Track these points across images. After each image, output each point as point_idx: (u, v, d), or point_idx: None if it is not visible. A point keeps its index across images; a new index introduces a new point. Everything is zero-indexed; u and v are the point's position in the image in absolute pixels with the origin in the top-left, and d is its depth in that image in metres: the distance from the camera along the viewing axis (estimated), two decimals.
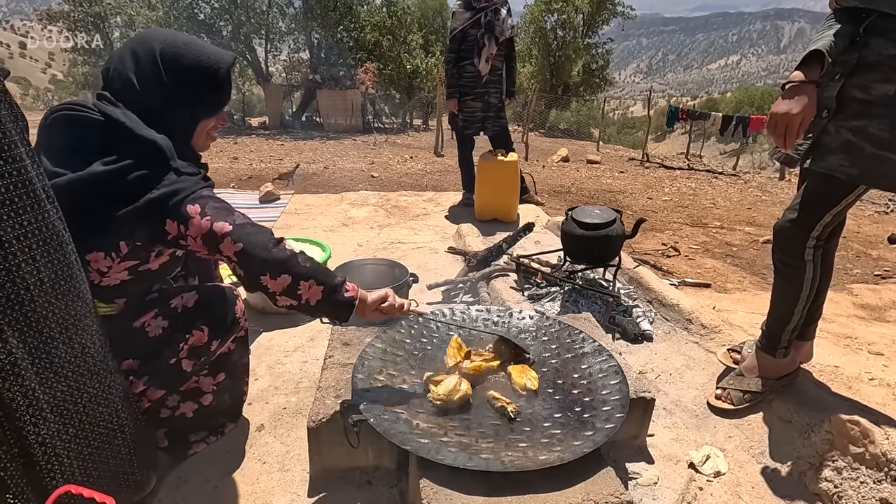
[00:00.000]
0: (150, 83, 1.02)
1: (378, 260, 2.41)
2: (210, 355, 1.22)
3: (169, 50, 1.03)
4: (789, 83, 1.25)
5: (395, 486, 1.29)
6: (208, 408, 1.33)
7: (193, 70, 1.04)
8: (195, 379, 1.27)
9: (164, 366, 1.13)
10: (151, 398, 1.17)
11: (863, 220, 5.48)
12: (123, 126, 0.98)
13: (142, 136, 0.99)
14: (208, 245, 1.02)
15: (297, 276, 1.05)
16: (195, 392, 1.29)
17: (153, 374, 1.13)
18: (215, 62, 1.07)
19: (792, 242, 1.45)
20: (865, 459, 1.27)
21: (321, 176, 6.42)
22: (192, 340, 1.15)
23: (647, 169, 9.14)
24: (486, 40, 3.61)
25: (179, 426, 1.32)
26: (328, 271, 1.11)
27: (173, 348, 1.14)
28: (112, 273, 1.04)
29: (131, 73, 1.02)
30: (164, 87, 1.02)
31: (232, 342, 1.30)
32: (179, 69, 1.03)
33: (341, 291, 1.11)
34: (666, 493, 1.32)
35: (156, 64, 1.02)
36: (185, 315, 1.16)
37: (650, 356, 1.98)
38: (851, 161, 1.28)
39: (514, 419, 1.21)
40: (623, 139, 24.39)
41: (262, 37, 16.29)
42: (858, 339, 2.24)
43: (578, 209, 2.33)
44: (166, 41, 1.04)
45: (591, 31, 22.21)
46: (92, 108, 1.00)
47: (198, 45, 1.07)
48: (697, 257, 3.73)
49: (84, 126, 0.99)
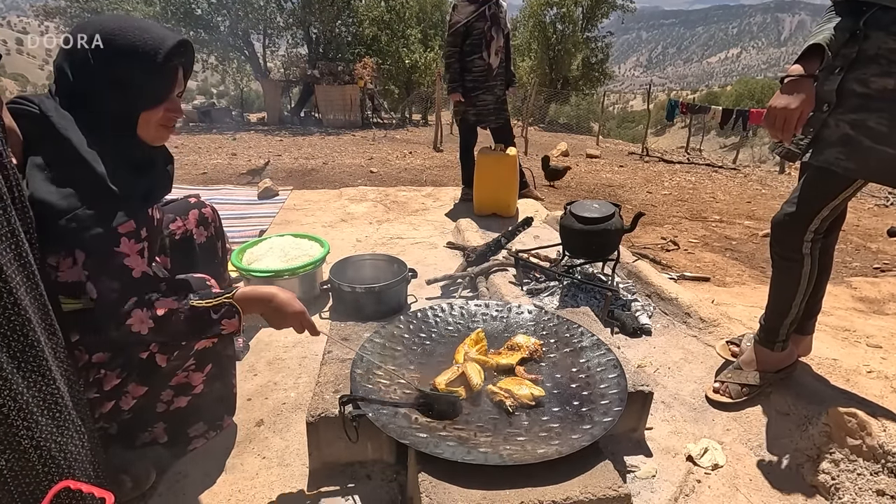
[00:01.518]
0: (83, 72, 0.95)
1: (377, 255, 2.42)
2: (186, 349, 1.20)
3: (103, 34, 0.95)
4: (788, 77, 1.24)
5: (394, 480, 1.30)
6: (201, 396, 1.33)
7: (128, 55, 0.95)
8: (183, 374, 1.26)
9: (135, 359, 1.12)
10: (136, 394, 1.17)
11: (862, 213, 5.47)
12: (49, 121, 0.94)
13: (63, 136, 0.94)
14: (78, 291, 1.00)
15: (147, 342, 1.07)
16: (186, 386, 1.28)
17: (127, 367, 1.11)
18: (153, 46, 0.96)
19: (790, 236, 1.45)
20: (863, 451, 1.27)
21: (320, 171, 6.41)
22: None
23: (647, 163, 9.12)
24: (494, 33, 3.60)
25: (176, 418, 1.32)
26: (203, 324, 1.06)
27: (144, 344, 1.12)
28: (63, 268, 0.99)
29: (65, 63, 0.96)
30: (94, 75, 0.95)
31: (214, 336, 1.26)
32: (110, 55, 0.94)
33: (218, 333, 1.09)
34: (664, 486, 1.32)
35: (86, 50, 0.94)
36: None
37: (649, 350, 1.98)
38: (849, 155, 1.28)
39: (512, 413, 1.21)
40: (623, 133, 24.33)
41: (260, 32, 16.20)
42: (857, 331, 2.24)
43: (577, 203, 2.32)
44: (102, 25, 0.96)
45: (591, 25, 22.12)
46: (33, 102, 0.96)
47: (137, 28, 0.97)
48: (696, 251, 3.73)
49: (27, 119, 0.95)
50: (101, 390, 1.10)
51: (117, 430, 1.25)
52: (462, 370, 1.30)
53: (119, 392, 1.13)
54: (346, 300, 2.13)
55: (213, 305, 1.07)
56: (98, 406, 1.11)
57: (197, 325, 1.06)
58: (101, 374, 1.09)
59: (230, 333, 1.10)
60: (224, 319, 1.08)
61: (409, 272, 2.24)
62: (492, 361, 1.39)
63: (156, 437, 1.32)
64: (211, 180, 5.37)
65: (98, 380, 1.09)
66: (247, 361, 1.83)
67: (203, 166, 6.35)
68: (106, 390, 1.11)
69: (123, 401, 1.16)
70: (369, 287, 2.08)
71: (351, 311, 2.12)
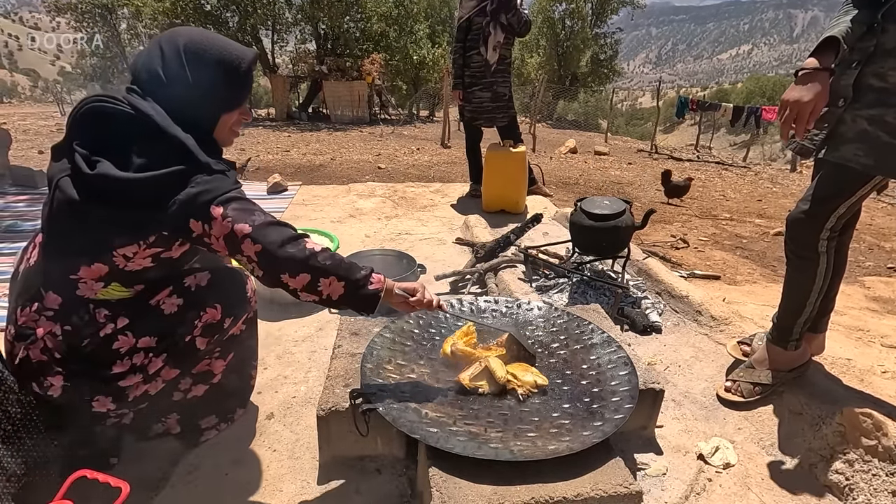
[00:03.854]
0: (175, 77, 1.05)
1: (386, 251, 2.43)
2: (223, 334, 1.24)
3: (192, 46, 1.07)
4: (802, 70, 1.21)
5: (403, 474, 1.30)
6: (217, 386, 1.35)
7: (216, 65, 1.07)
8: (207, 361, 1.29)
9: (179, 342, 1.15)
10: (166, 378, 1.19)
11: (876, 212, 5.40)
12: (152, 120, 1.01)
13: (170, 134, 1.02)
14: (230, 246, 1.05)
15: (317, 274, 1.07)
16: (207, 374, 1.31)
17: (171, 351, 1.15)
18: (237, 57, 1.10)
19: (805, 234, 1.43)
20: (878, 452, 1.26)
21: (328, 167, 6.42)
22: (205, 318, 1.18)
23: (656, 160, 9.05)
24: (493, 28, 3.55)
25: (191, 409, 1.33)
26: (352, 266, 1.12)
27: (188, 325, 1.16)
28: (136, 258, 1.06)
29: (158, 68, 1.05)
30: (188, 81, 1.05)
31: (242, 323, 1.32)
32: (202, 64, 1.06)
33: (365, 286, 1.12)
34: (675, 484, 1.31)
35: (180, 59, 1.05)
36: (199, 293, 1.18)
37: (659, 348, 1.97)
38: (866, 150, 1.25)
39: (523, 400, 1.23)
40: (631, 130, 24.18)
41: (269, 28, 16.23)
42: (871, 331, 2.22)
43: (588, 200, 2.31)
44: (191, 37, 1.08)
45: (600, 21, 21.95)
46: (122, 100, 1.03)
47: (221, 41, 1.11)
48: (707, 249, 3.70)
49: (115, 118, 1.02)
50: (145, 375, 1.13)
51: (131, 420, 1.26)
52: (485, 364, 1.29)
53: (156, 375, 1.16)
54: None
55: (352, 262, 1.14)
56: (132, 391, 1.14)
57: (354, 265, 1.12)
58: (148, 360, 1.12)
59: (375, 290, 1.12)
60: (373, 273, 1.14)
61: (418, 268, 2.25)
62: (477, 353, 1.37)
63: (169, 429, 1.34)
64: None
65: (143, 365, 1.12)
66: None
67: None
68: (150, 374, 1.14)
69: (153, 385, 1.18)
70: None
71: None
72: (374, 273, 1.14)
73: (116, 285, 1.09)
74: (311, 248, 1.08)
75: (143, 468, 1.30)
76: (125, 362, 1.10)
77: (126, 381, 1.11)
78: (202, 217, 1.02)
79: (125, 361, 1.10)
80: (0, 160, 4.38)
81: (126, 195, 1.01)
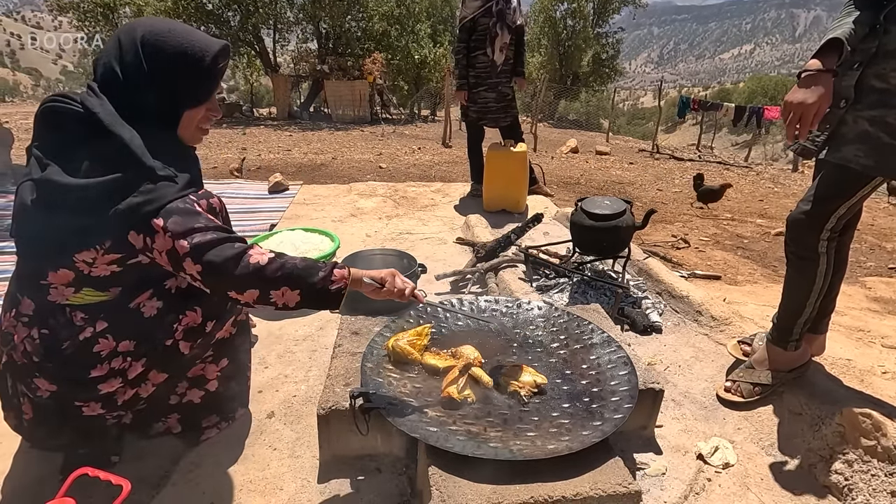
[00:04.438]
0: (132, 72, 1.00)
1: (387, 250, 2.43)
2: (208, 337, 1.22)
3: (151, 37, 1.00)
4: (805, 72, 1.21)
5: (403, 473, 1.31)
6: (215, 394, 1.34)
7: (175, 57, 1.01)
8: (200, 365, 1.28)
9: (160, 346, 1.13)
10: (155, 381, 1.18)
11: (877, 212, 5.39)
12: (97, 118, 0.97)
13: (115, 134, 0.97)
14: (173, 262, 1.01)
15: (266, 287, 1.03)
16: (201, 379, 1.30)
17: (151, 355, 1.13)
18: (200, 49, 1.03)
19: (806, 234, 1.43)
20: (877, 452, 1.26)
21: (329, 167, 6.42)
22: (185, 321, 1.15)
23: (658, 160, 9.04)
24: (499, 29, 3.55)
25: (189, 412, 1.33)
26: (307, 270, 1.06)
27: (167, 329, 1.13)
28: (99, 264, 1.03)
29: (115, 62, 1.00)
30: (145, 76, 1.00)
31: (232, 325, 1.30)
32: (161, 56, 1.00)
33: (325, 287, 1.07)
34: (674, 484, 1.32)
35: (137, 52, 0.99)
36: (179, 295, 1.15)
37: (659, 348, 1.97)
38: (867, 151, 1.26)
39: (526, 403, 1.22)
40: (633, 130, 24.15)
41: (270, 27, 16.24)
42: (872, 332, 2.22)
43: (588, 200, 2.31)
44: (150, 28, 1.02)
45: (602, 21, 21.94)
46: (75, 100, 0.99)
47: (184, 32, 1.04)
48: (708, 249, 3.69)
49: (68, 118, 0.99)
50: (125, 380, 1.11)
51: (132, 420, 1.27)
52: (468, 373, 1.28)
53: (141, 380, 1.15)
54: (357, 294, 2.13)
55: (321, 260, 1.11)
56: (120, 395, 1.13)
57: (310, 268, 1.07)
58: (127, 363, 1.10)
59: (338, 288, 1.09)
60: (336, 269, 1.10)
61: (418, 267, 2.25)
62: (416, 355, 1.35)
63: (170, 428, 1.34)
64: (221, 174, 5.41)
65: (122, 369, 1.10)
66: (257, 354, 1.84)
67: (213, 160, 6.39)
68: (130, 379, 1.12)
69: (143, 388, 1.17)
70: None
71: (363, 304, 2.13)
72: (336, 270, 1.09)
73: (89, 290, 1.05)
74: (257, 261, 1.02)
75: (144, 466, 1.31)
76: (104, 366, 1.07)
77: (106, 386, 1.09)
78: (143, 230, 0.98)
79: (104, 365, 1.07)
80: (2, 159, 4.39)
81: (70, 201, 0.96)
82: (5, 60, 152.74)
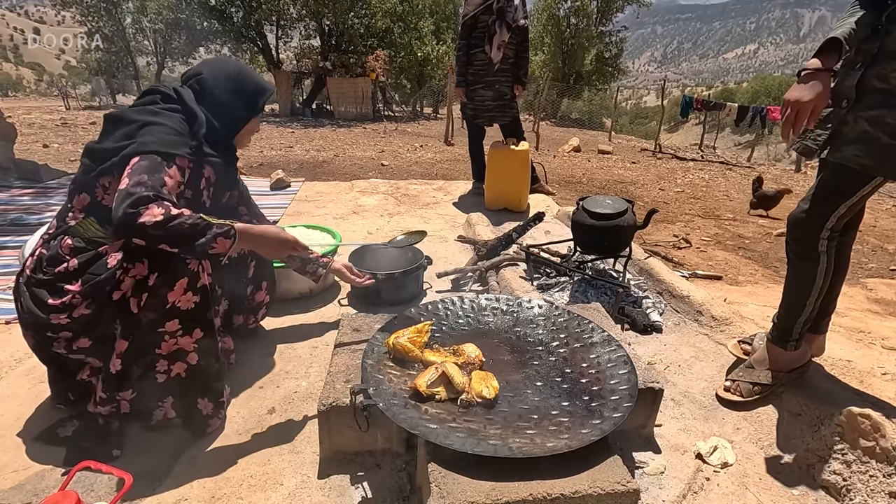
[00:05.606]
0: (219, 90, 1.45)
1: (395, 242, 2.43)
2: (158, 298, 1.23)
3: (234, 72, 1.50)
4: (805, 70, 1.23)
5: (403, 469, 1.31)
6: (198, 368, 1.34)
7: (250, 88, 1.51)
8: (172, 340, 1.27)
9: (107, 296, 1.22)
10: (119, 350, 1.23)
11: (879, 213, 5.38)
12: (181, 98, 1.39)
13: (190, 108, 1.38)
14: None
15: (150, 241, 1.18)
16: (179, 352, 1.30)
17: (97, 301, 1.22)
18: (261, 87, 1.54)
19: (806, 234, 1.43)
20: (876, 453, 1.26)
21: (331, 164, 6.43)
22: (132, 271, 1.22)
23: (660, 160, 9.03)
24: (498, 27, 3.54)
25: (181, 391, 1.34)
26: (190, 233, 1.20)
27: (113, 278, 1.22)
28: (111, 190, 1.28)
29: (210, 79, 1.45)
30: (226, 95, 1.46)
31: (194, 294, 1.28)
32: (240, 86, 1.49)
33: (205, 251, 1.23)
34: (673, 483, 1.32)
35: (229, 79, 1.48)
36: (135, 250, 1.23)
37: (659, 347, 1.98)
38: (866, 151, 1.26)
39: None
40: (635, 129, 24.09)
41: (273, 23, 16.23)
42: (872, 333, 2.22)
43: (590, 199, 2.31)
44: (234, 66, 1.53)
45: (605, 19, 21.87)
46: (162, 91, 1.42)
47: (251, 72, 1.57)
48: (709, 249, 3.69)
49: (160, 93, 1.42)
50: (71, 317, 1.23)
51: (130, 409, 1.28)
52: (443, 369, 1.26)
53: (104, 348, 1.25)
54: (372, 292, 2.17)
55: (216, 223, 1.25)
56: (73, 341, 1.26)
57: (197, 231, 1.21)
58: (77, 300, 1.23)
59: (217, 253, 1.25)
60: (219, 237, 1.24)
61: (424, 259, 2.28)
62: (416, 352, 1.36)
63: (167, 414, 1.35)
64: None
65: (71, 304, 1.22)
66: (258, 350, 1.85)
67: None
68: (75, 317, 1.23)
69: (113, 363, 1.23)
70: (389, 273, 2.15)
71: (371, 297, 2.18)
72: (218, 239, 1.23)
73: (93, 220, 1.30)
74: (143, 221, 1.14)
75: (146, 460, 1.31)
76: (56, 299, 1.22)
77: (55, 317, 1.22)
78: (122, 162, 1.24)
79: (57, 299, 1.22)
80: (5, 154, 4.40)
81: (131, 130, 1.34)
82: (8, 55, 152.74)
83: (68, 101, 20.09)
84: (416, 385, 1.22)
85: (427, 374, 1.25)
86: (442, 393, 1.23)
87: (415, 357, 1.36)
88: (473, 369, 1.31)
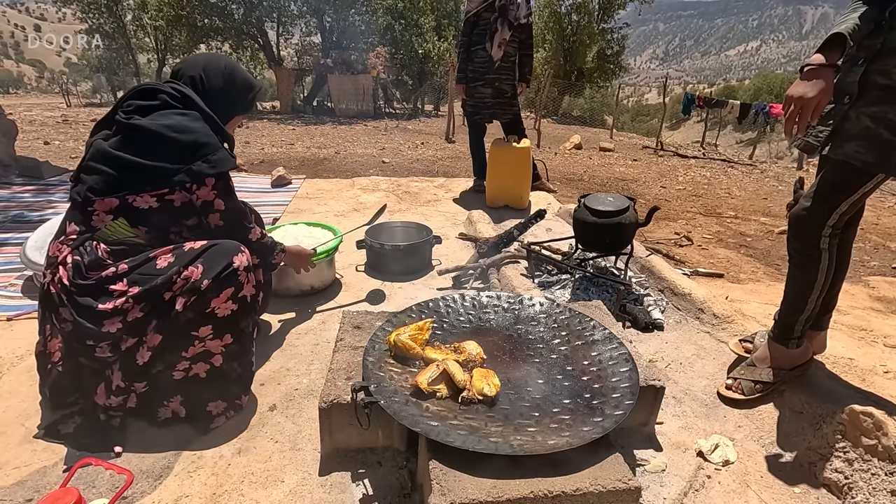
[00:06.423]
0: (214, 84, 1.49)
1: (407, 222, 2.91)
2: (204, 302, 1.27)
3: (228, 69, 1.53)
4: (808, 66, 1.22)
5: (404, 467, 1.31)
6: (220, 370, 1.37)
7: (241, 83, 1.56)
8: (202, 343, 1.31)
9: (154, 292, 1.25)
10: (151, 344, 1.25)
11: (882, 211, 5.36)
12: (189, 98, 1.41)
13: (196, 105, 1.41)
14: (202, 207, 1.40)
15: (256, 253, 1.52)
16: (205, 354, 1.33)
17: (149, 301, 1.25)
18: (251, 83, 1.60)
19: (807, 231, 1.42)
20: (878, 451, 1.26)
21: (332, 161, 6.42)
22: (185, 273, 1.27)
23: (661, 157, 9.01)
24: (499, 25, 3.53)
25: (193, 389, 1.35)
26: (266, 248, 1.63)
27: (169, 281, 1.26)
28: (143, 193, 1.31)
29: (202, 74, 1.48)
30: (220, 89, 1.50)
31: (234, 303, 1.33)
32: (232, 81, 1.53)
33: (270, 262, 1.69)
34: (674, 481, 1.32)
35: (221, 74, 1.51)
36: (190, 253, 1.31)
37: (661, 345, 1.97)
38: (867, 148, 1.25)
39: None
40: (637, 127, 23.98)
41: (274, 20, 16.20)
42: (874, 331, 2.21)
43: (591, 196, 2.31)
44: (226, 63, 1.55)
45: (607, 16, 21.76)
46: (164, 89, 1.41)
47: (242, 69, 1.61)
48: (711, 247, 3.69)
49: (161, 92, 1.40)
50: (125, 322, 1.24)
51: (136, 404, 1.29)
52: (444, 367, 1.26)
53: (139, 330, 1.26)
54: (383, 255, 2.55)
55: (278, 242, 1.71)
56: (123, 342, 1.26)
57: (269, 249, 1.64)
58: (129, 305, 1.24)
59: (275, 265, 1.72)
60: (279, 253, 1.71)
61: (433, 238, 2.61)
62: (417, 350, 1.36)
63: (174, 412, 1.35)
64: None
65: (125, 309, 1.24)
66: (259, 347, 1.85)
67: None
68: (129, 321, 1.24)
69: (142, 354, 1.24)
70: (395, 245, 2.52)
71: (379, 265, 2.57)
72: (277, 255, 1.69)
73: (123, 222, 1.31)
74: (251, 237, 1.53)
75: (147, 457, 1.32)
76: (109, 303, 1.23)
77: (109, 324, 1.23)
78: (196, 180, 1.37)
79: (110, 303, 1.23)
80: (6, 151, 4.40)
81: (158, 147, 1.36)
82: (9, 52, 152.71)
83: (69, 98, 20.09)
84: (418, 382, 1.22)
85: (428, 372, 1.25)
86: (443, 390, 1.23)
87: (416, 354, 1.36)
88: (474, 367, 1.32)
